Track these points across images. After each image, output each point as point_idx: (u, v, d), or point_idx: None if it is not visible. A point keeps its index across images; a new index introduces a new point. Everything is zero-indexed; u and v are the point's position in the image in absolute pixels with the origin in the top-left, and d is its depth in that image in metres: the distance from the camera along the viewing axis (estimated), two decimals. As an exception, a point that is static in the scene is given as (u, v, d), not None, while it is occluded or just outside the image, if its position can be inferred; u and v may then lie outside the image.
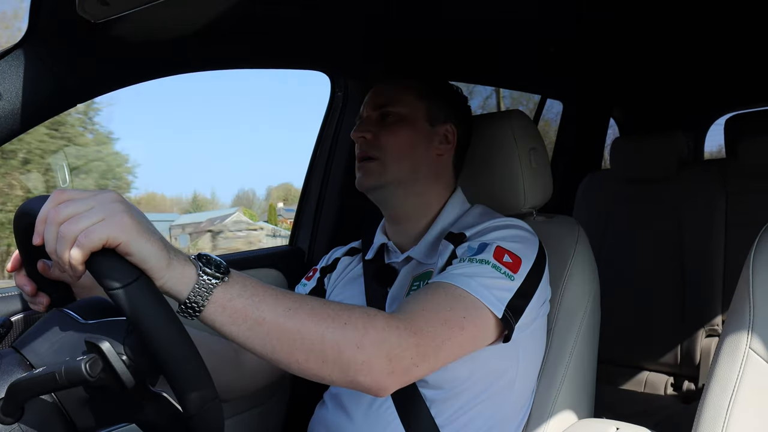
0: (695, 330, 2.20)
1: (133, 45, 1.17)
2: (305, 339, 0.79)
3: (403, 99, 1.24)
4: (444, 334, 0.92)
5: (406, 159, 1.21)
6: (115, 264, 0.67)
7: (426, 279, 1.17)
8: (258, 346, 0.78)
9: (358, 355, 0.82)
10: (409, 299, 0.97)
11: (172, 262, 0.71)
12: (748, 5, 1.63)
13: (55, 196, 0.70)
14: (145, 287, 0.68)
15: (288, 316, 0.78)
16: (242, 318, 0.75)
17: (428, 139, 1.24)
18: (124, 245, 0.68)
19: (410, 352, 0.87)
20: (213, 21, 1.07)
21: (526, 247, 1.08)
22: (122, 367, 0.69)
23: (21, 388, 0.68)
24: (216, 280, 0.73)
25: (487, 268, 1.01)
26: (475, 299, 0.97)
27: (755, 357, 0.87)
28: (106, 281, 0.67)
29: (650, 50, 2.13)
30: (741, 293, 0.91)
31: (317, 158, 1.82)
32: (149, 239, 0.70)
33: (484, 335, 1.00)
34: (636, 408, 2.09)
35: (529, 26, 1.74)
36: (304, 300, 0.82)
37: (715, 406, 0.88)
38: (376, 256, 1.29)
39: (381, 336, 0.84)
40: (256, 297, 0.76)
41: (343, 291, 1.31)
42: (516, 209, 1.33)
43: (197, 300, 0.72)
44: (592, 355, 1.27)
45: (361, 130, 1.23)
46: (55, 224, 0.68)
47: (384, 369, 0.84)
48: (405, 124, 1.22)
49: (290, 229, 1.92)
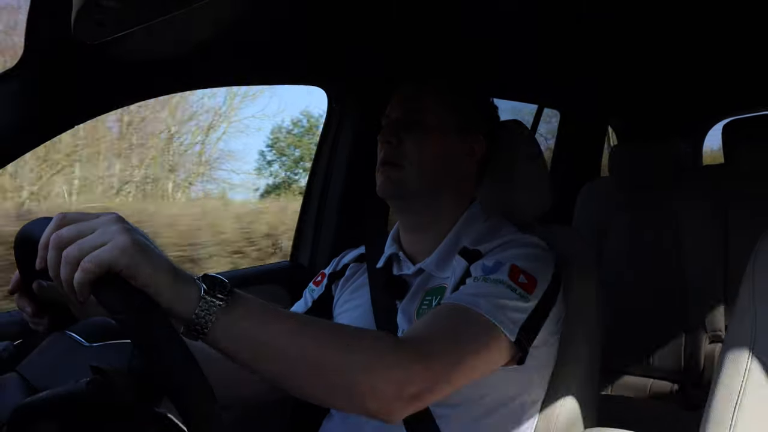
0: (698, 336, 2.19)
1: (130, 65, 1.18)
2: (310, 363, 0.77)
3: (432, 106, 1.19)
4: (456, 358, 0.90)
5: (429, 171, 1.17)
6: (120, 289, 0.67)
7: (439, 294, 1.14)
8: (263, 369, 0.76)
9: (366, 380, 0.79)
10: (421, 321, 0.95)
11: (176, 284, 0.70)
12: (744, 11, 1.64)
13: (57, 220, 0.69)
14: (150, 312, 0.67)
15: (294, 340, 0.76)
16: (246, 340, 0.74)
17: (454, 149, 1.20)
18: (128, 269, 0.67)
19: (420, 377, 0.84)
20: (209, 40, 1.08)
21: (542, 265, 1.06)
22: (128, 391, 0.69)
23: (24, 411, 0.68)
24: (220, 301, 0.72)
25: (501, 288, 0.99)
26: (488, 321, 0.94)
27: (759, 363, 0.86)
28: (111, 306, 0.66)
29: (647, 57, 2.14)
30: (743, 299, 0.90)
31: (316, 174, 1.82)
32: (152, 262, 0.68)
33: (497, 358, 0.98)
34: (640, 415, 2.08)
35: (526, 35, 1.75)
36: (310, 322, 0.80)
37: (720, 413, 0.88)
38: (384, 266, 1.25)
39: (390, 361, 0.82)
40: (261, 319, 0.75)
41: (349, 302, 1.27)
42: (516, 219, 1.33)
43: (200, 322, 0.71)
44: (595, 363, 1.26)
45: (386, 135, 1.18)
46: (56, 249, 0.67)
47: (393, 395, 0.81)
48: (432, 135, 1.17)
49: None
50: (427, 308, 1.14)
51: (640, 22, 1.72)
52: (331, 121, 1.79)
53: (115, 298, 0.66)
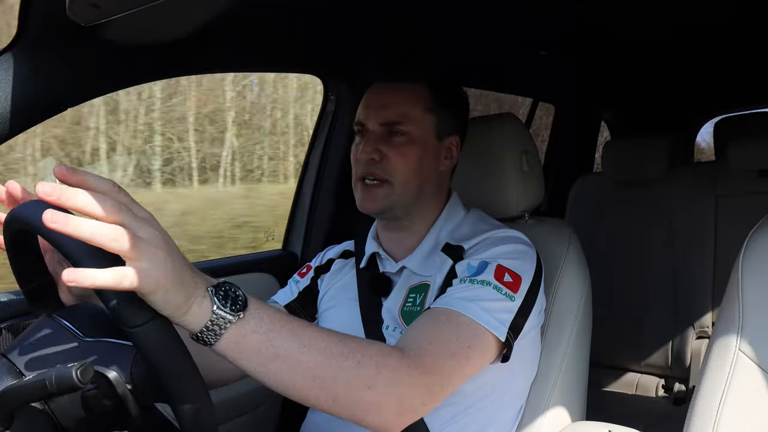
0: (686, 332, 2.21)
1: (123, 48, 1.17)
2: (317, 377, 0.77)
3: (413, 114, 1.15)
4: (451, 369, 0.92)
5: (414, 181, 1.15)
6: (133, 303, 0.65)
7: (422, 292, 1.15)
8: (270, 381, 0.76)
9: (369, 395, 0.80)
10: (415, 330, 0.96)
11: (191, 306, 0.69)
12: (738, 9, 1.64)
13: (115, 189, 0.65)
14: (162, 327, 0.67)
15: (302, 353, 0.76)
16: (255, 354, 0.73)
17: (435, 155, 1.19)
18: (148, 296, 0.65)
19: (420, 391, 0.86)
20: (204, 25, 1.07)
21: (524, 262, 1.07)
22: (129, 396, 0.69)
23: (11, 395, 0.67)
24: (231, 317, 0.71)
25: (488, 290, 1.00)
26: (478, 326, 0.96)
27: (745, 359, 0.87)
28: (122, 319, 0.65)
29: (641, 53, 2.15)
30: (730, 295, 0.91)
31: (310, 162, 1.82)
32: (177, 294, 0.67)
33: (485, 359, 1.00)
34: (627, 410, 2.10)
35: (521, 30, 1.75)
36: (319, 335, 0.79)
37: (706, 408, 0.88)
38: (369, 264, 1.25)
39: (393, 377, 0.83)
40: (272, 333, 0.74)
41: (336, 300, 1.28)
42: (508, 212, 1.33)
43: (209, 335, 0.70)
44: (584, 357, 1.27)
45: (368, 151, 1.14)
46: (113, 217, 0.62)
47: (393, 410, 0.83)
48: (414, 144, 1.15)
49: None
50: (411, 305, 1.15)
51: (635, 18, 1.72)
52: (326, 109, 1.79)
53: (126, 311, 0.65)
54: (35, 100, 1.09)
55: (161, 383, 0.67)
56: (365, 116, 1.18)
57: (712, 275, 2.21)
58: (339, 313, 1.25)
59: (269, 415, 1.64)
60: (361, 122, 1.19)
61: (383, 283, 1.21)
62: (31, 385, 0.66)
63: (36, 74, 1.07)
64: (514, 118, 1.37)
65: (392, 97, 1.17)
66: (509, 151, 1.31)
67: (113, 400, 0.70)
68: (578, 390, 1.26)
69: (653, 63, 2.27)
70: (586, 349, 1.28)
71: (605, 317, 2.28)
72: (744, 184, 2.22)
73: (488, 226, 1.18)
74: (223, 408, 1.48)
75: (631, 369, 2.34)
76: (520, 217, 1.35)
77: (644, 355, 2.28)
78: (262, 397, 1.61)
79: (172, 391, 0.67)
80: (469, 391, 1.08)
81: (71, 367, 0.64)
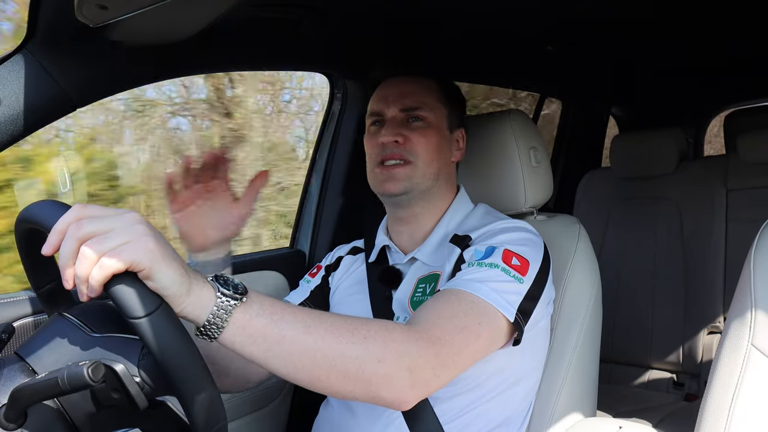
0: (697, 327, 2.20)
1: (132, 49, 1.17)
2: (326, 355, 0.78)
3: (430, 102, 1.22)
4: (461, 342, 0.92)
5: (434, 163, 1.20)
6: (137, 291, 0.66)
7: (432, 282, 1.16)
8: (279, 365, 0.77)
9: (380, 369, 0.81)
10: (423, 308, 0.97)
11: (192, 287, 0.70)
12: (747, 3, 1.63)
13: (77, 210, 0.68)
14: (166, 317, 0.67)
15: (308, 332, 0.77)
16: (262, 337, 0.74)
17: (448, 145, 1.24)
18: (147, 271, 0.67)
19: (430, 362, 0.86)
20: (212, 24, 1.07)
21: (532, 249, 1.08)
22: (136, 389, 0.70)
23: (24, 393, 0.68)
24: (234, 301, 0.72)
25: (496, 272, 1.01)
26: (487, 304, 0.97)
27: (757, 353, 0.86)
28: (128, 309, 0.66)
29: (649, 47, 2.13)
30: (742, 289, 0.91)
31: (317, 159, 1.82)
32: (171, 265, 0.68)
33: (497, 340, 1.00)
34: (639, 406, 2.09)
35: (528, 24, 1.74)
36: (322, 316, 0.81)
37: (718, 403, 0.88)
38: (379, 257, 1.28)
39: (401, 348, 0.83)
40: (275, 315, 0.75)
41: (347, 294, 1.30)
42: (517, 208, 1.33)
43: (216, 322, 0.71)
44: (594, 353, 1.27)
45: (391, 133, 1.18)
46: (75, 240, 0.66)
47: (406, 382, 0.83)
48: (432, 129, 1.20)
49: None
50: (420, 295, 1.16)
51: (643, 12, 1.71)
52: (333, 107, 1.79)
53: (131, 301, 0.66)
54: (46, 101, 1.09)
55: (168, 375, 0.67)
56: (384, 105, 1.22)
57: (723, 269, 2.20)
58: (349, 306, 1.26)
59: (280, 410, 1.65)
60: (378, 112, 1.23)
61: (393, 275, 1.23)
62: (43, 383, 0.67)
63: (46, 75, 1.08)
64: (522, 114, 1.37)
65: (410, 87, 1.23)
66: (517, 147, 1.31)
67: (121, 393, 0.70)
68: (589, 385, 1.25)
69: (661, 56, 2.25)
70: (596, 344, 1.27)
71: (616, 313, 2.28)
72: (755, 178, 2.21)
73: (495, 218, 1.20)
74: (234, 404, 1.49)
75: (642, 364, 2.33)
76: (530, 213, 1.35)
77: (655, 350, 2.27)
78: (273, 393, 1.61)
79: (179, 382, 0.68)
80: (482, 380, 1.09)
81: (83, 365, 0.65)
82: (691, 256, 2.25)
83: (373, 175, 1.21)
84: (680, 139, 2.33)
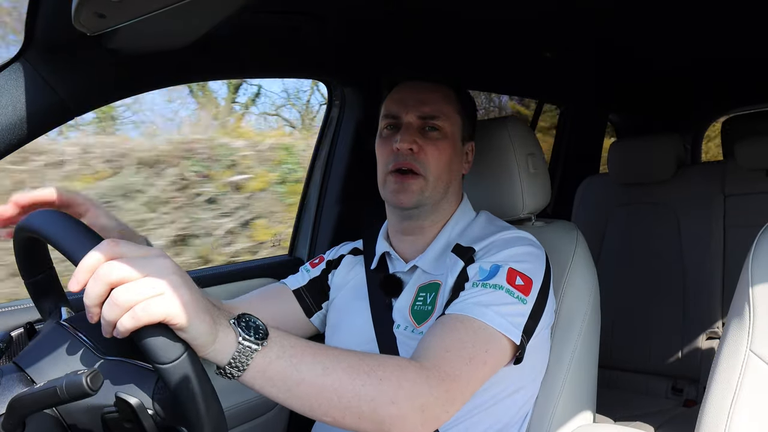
0: (695, 332, 2.20)
1: (130, 57, 1.18)
2: (342, 397, 0.79)
3: (447, 112, 1.19)
4: (469, 374, 0.93)
5: (444, 177, 1.18)
6: (165, 340, 0.66)
7: (432, 291, 1.16)
8: (297, 404, 0.78)
9: (393, 410, 0.82)
10: (432, 338, 0.97)
11: (218, 335, 0.71)
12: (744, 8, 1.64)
13: (108, 247, 0.67)
14: (190, 363, 0.68)
15: (326, 374, 0.78)
16: (281, 380, 0.75)
17: (459, 158, 1.23)
18: (181, 325, 0.67)
19: (441, 400, 0.87)
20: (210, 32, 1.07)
21: (535, 265, 1.08)
22: (150, 423, 0.70)
23: (22, 403, 0.68)
24: (256, 345, 0.73)
25: (501, 294, 1.01)
26: (494, 330, 0.98)
27: (756, 359, 0.86)
28: (155, 356, 0.66)
29: (647, 54, 2.14)
30: (740, 295, 0.91)
31: (315, 167, 1.82)
32: (204, 319, 0.69)
33: (501, 362, 1.01)
34: (638, 412, 2.08)
35: (526, 31, 1.75)
36: (341, 356, 0.81)
37: (717, 409, 0.88)
38: (379, 264, 1.27)
39: (414, 390, 0.84)
40: (295, 358, 0.76)
41: (348, 300, 1.29)
42: (514, 214, 1.33)
43: (237, 365, 0.72)
44: (593, 358, 1.27)
45: (408, 140, 1.15)
46: (104, 283, 0.65)
47: (417, 420, 0.84)
48: (447, 140, 1.18)
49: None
50: (421, 304, 1.16)
51: (641, 18, 1.71)
52: (332, 114, 1.79)
53: (159, 349, 0.66)
54: (43, 109, 1.09)
55: (185, 414, 0.68)
56: (402, 109, 1.19)
57: (721, 275, 2.20)
58: (350, 316, 1.26)
59: (279, 418, 1.64)
60: (394, 115, 1.20)
61: (394, 283, 1.22)
62: (42, 392, 0.66)
63: (44, 83, 1.08)
64: (519, 120, 1.37)
65: (429, 94, 1.20)
66: (515, 153, 1.31)
67: (133, 423, 0.70)
68: (587, 390, 1.25)
69: (659, 63, 2.26)
70: (594, 350, 1.27)
71: (614, 318, 2.28)
72: (752, 184, 2.21)
73: (497, 228, 1.19)
74: (233, 413, 1.49)
75: (640, 370, 2.32)
76: (528, 219, 1.35)
77: (654, 355, 2.27)
78: (272, 402, 1.60)
79: (195, 419, 0.68)
80: (480, 391, 1.08)
81: (81, 374, 0.65)
82: (689, 262, 2.25)
83: (386, 182, 1.19)
84: (678, 145, 2.34)
